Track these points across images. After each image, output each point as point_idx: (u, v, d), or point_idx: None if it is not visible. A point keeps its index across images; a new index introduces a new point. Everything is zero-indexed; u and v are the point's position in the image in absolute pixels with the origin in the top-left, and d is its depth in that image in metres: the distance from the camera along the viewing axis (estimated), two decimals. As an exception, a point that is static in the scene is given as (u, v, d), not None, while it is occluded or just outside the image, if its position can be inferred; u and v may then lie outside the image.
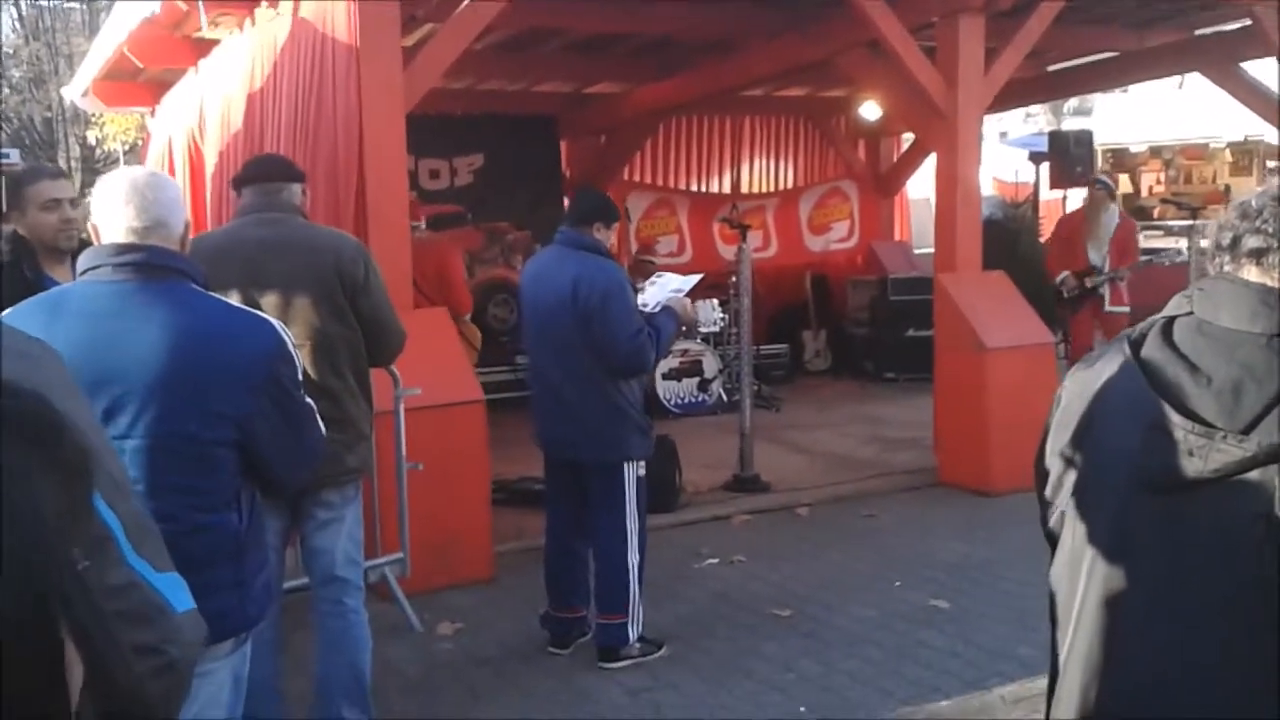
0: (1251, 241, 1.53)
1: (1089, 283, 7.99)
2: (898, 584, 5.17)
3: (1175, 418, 1.53)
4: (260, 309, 3.23)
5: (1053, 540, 1.80)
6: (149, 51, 7.40)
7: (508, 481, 6.42)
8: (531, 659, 4.44)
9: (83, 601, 0.59)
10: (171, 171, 7.73)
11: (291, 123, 5.36)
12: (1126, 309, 8.06)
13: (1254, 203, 1.56)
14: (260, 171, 3.49)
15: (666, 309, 4.37)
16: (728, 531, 6.10)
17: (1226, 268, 1.57)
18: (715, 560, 5.57)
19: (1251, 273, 1.54)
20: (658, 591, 4.76)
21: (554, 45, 9.01)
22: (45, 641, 0.56)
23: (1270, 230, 1.52)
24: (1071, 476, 1.71)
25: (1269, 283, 1.52)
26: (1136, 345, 1.63)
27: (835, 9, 6.87)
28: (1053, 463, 1.77)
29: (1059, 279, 8.17)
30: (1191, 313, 1.59)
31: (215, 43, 6.98)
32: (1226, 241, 1.57)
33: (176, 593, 1.16)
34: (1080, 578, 1.71)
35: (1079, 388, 1.74)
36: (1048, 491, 1.78)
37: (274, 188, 3.41)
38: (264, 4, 5.92)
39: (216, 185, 6.60)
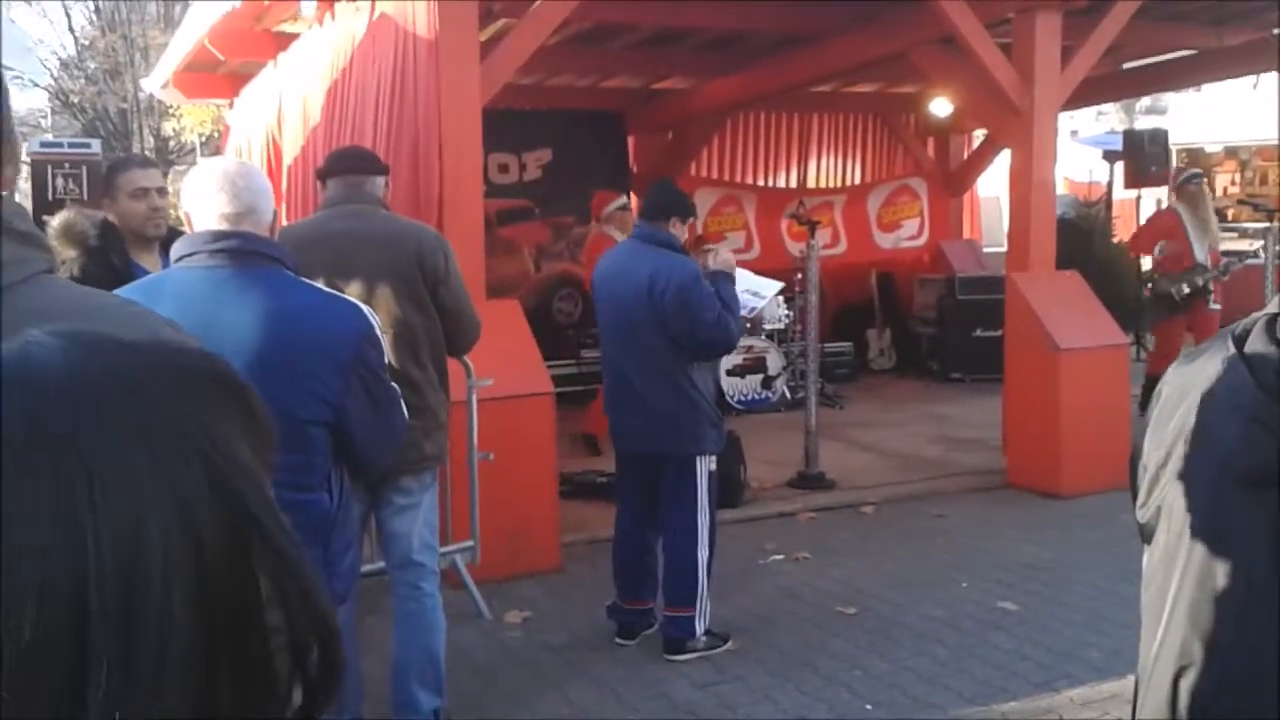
0: None
1: (1200, 280, 7.80)
2: (964, 585, 5.13)
3: (1277, 412, 1.51)
4: (344, 296, 3.30)
5: (1146, 536, 1.79)
6: (229, 44, 7.55)
7: (571, 474, 6.47)
8: (599, 649, 4.48)
9: (284, 538, 0.63)
10: (250, 162, 7.88)
11: (372, 117, 5.45)
12: (1220, 307, 7.92)
13: None
14: (345, 164, 3.55)
15: (717, 273, 4.33)
16: (793, 528, 6.09)
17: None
18: (780, 556, 5.57)
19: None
20: (723, 586, 4.77)
21: (623, 41, 9.04)
22: (245, 582, 0.60)
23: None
24: (1169, 470, 1.70)
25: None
26: (1240, 341, 1.61)
27: (909, 4, 6.82)
28: (1151, 457, 1.75)
29: (1155, 253, 7.98)
30: (1297, 309, 1.57)
31: (295, 36, 7.11)
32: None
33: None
34: (1175, 573, 1.69)
35: (1180, 382, 1.72)
36: (1143, 486, 1.77)
37: (358, 180, 3.47)
38: (344, -1, 6.02)
39: (294, 178, 6.72)
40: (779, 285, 4.90)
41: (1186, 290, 7.74)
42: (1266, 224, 8.08)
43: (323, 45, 6.36)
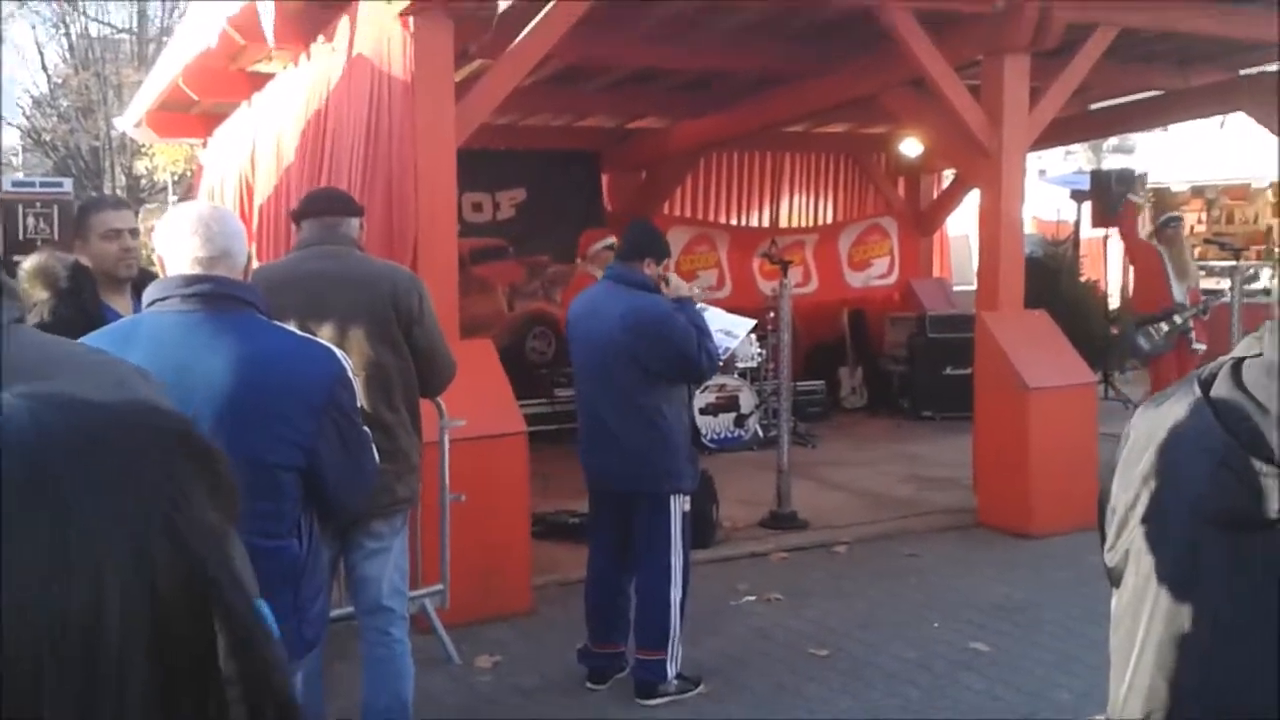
0: None
1: (1179, 319, 7.86)
2: (936, 625, 5.14)
3: (1244, 457, 1.53)
4: (316, 338, 3.29)
5: (1114, 578, 1.80)
6: (204, 84, 7.55)
7: (544, 515, 6.44)
8: (570, 693, 4.44)
9: (241, 601, 0.64)
10: (223, 203, 7.86)
11: (347, 157, 5.45)
12: (1204, 346, 7.97)
13: None
14: (320, 205, 3.55)
15: (678, 301, 4.34)
16: (765, 568, 6.08)
17: (1297, 310, 1.58)
18: (753, 597, 5.55)
19: (1324, 314, 1.55)
20: (696, 628, 4.75)
21: (598, 81, 9.11)
22: (202, 633, 0.61)
23: (1343, 275, 1.53)
24: (1137, 513, 1.71)
25: (1340, 325, 1.53)
26: (1206, 385, 1.63)
27: (880, 47, 6.92)
28: (1118, 500, 1.77)
29: (1143, 322, 8.00)
30: (1261, 354, 1.59)
31: (270, 77, 7.12)
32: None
33: (270, 619, 1.19)
34: (1143, 616, 1.71)
35: (1147, 425, 1.74)
36: (1111, 529, 1.78)
37: (333, 221, 3.47)
38: (320, 39, 6.03)
39: (266, 217, 6.71)
40: (751, 323, 4.92)
41: (1165, 328, 7.80)
42: (1233, 262, 8.18)
43: (298, 85, 6.37)
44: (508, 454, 5.21)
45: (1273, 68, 8.96)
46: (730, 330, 4.58)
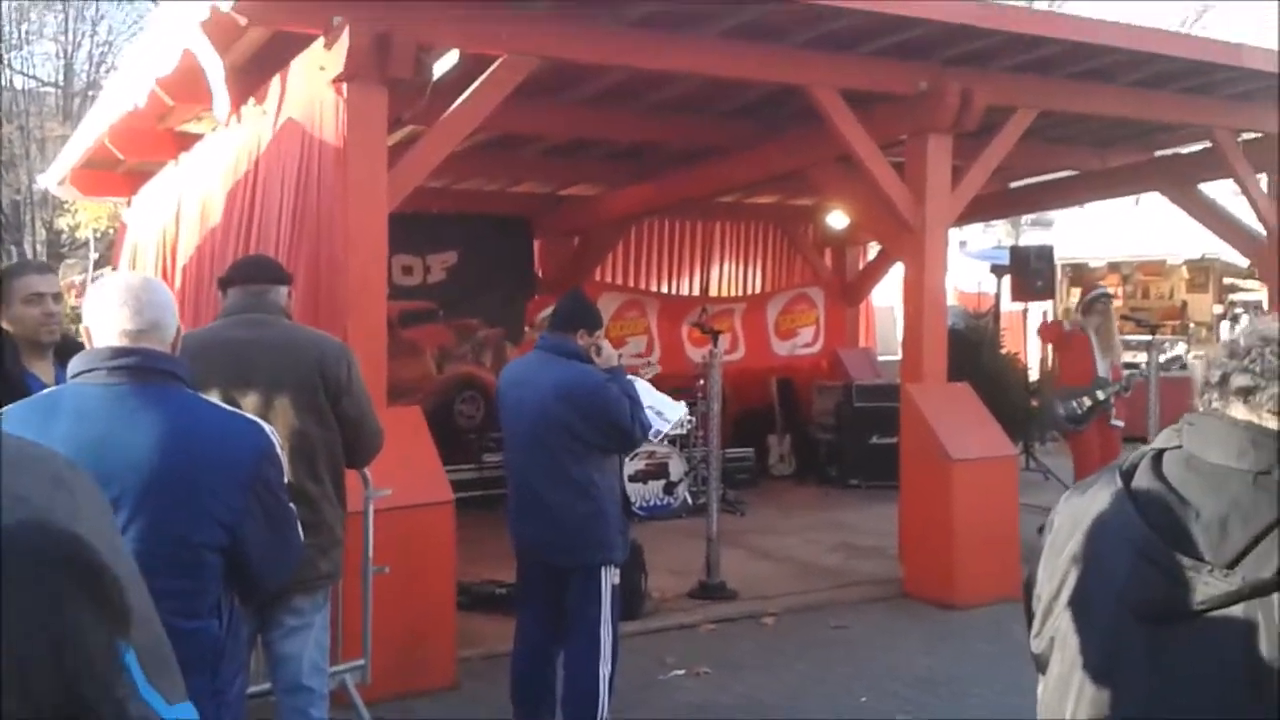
0: (1239, 380, 1.59)
1: (1101, 395, 7.95)
2: (864, 699, 5.13)
3: (1164, 550, 1.56)
4: (241, 410, 3.23)
5: (1040, 665, 1.82)
6: (130, 143, 7.46)
7: (470, 585, 6.33)
8: (495, 770, 4.34)
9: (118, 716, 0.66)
10: (144, 262, 7.74)
11: (275, 219, 5.41)
12: (1122, 423, 8.09)
13: (1242, 342, 1.62)
14: (247, 273, 3.51)
15: (610, 370, 4.33)
16: (694, 640, 6.04)
17: (1215, 404, 1.62)
18: (681, 671, 5.50)
19: (1239, 410, 1.59)
20: (623, 703, 4.68)
21: (532, 148, 9.19)
22: None
23: (1258, 370, 1.57)
24: (1062, 601, 1.74)
25: (1256, 420, 1.57)
26: (1128, 476, 1.67)
27: (808, 123, 7.07)
28: (1044, 587, 1.79)
29: (1066, 395, 8.04)
30: (1181, 446, 1.63)
31: (197, 137, 7.05)
32: (1215, 379, 1.62)
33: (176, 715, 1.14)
34: (1069, 701, 1.73)
35: (1071, 514, 1.77)
36: (1037, 616, 1.80)
37: (260, 289, 3.43)
38: (251, 101, 6.00)
39: (189, 278, 6.61)
40: (682, 409, 4.93)
41: (1089, 403, 7.92)
42: (1149, 337, 8.38)
43: (226, 146, 6.32)
44: (434, 524, 5.14)
45: (1187, 150, 9.33)
46: (661, 411, 4.59)
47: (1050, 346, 8.75)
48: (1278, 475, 1.53)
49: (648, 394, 4.62)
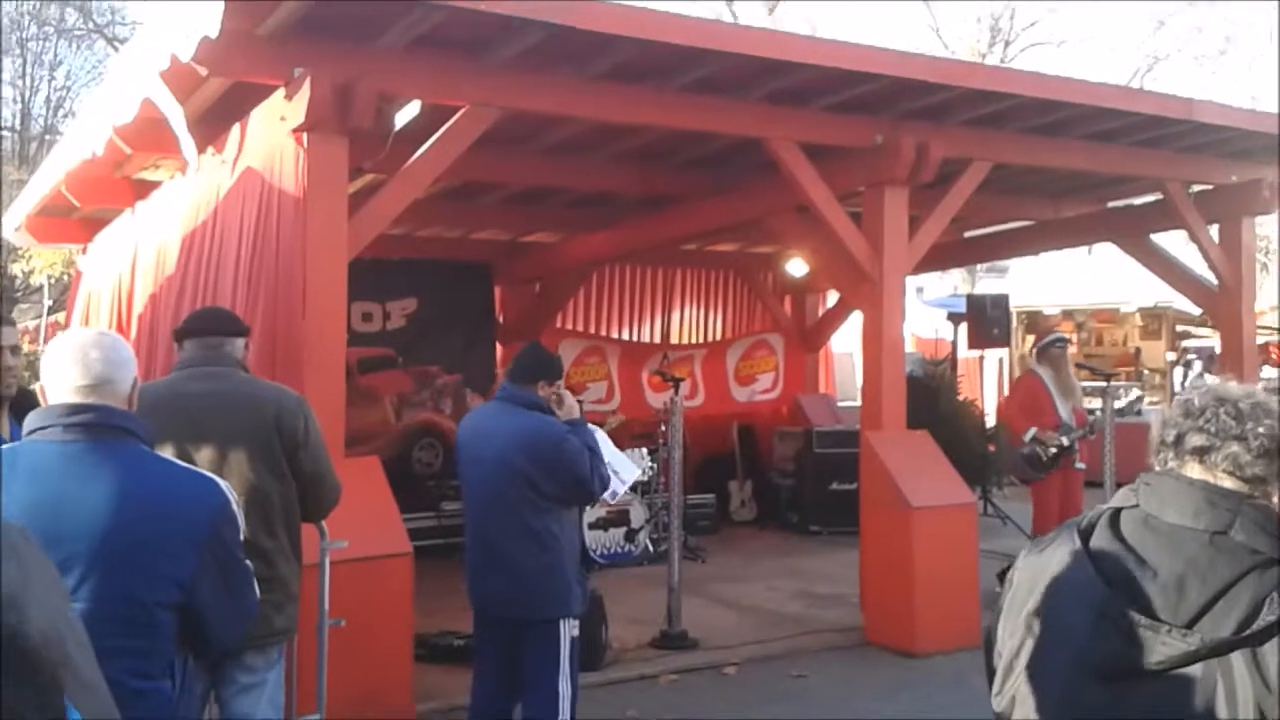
0: (1195, 440, 1.61)
1: (1066, 440, 7.97)
2: (827, 749, 5.10)
3: (1123, 609, 1.57)
4: (196, 464, 3.19)
5: (1001, 722, 1.82)
6: (87, 190, 7.39)
7: (427, 636, 6.25)
8: (453, 828, 4.27)
9: None
10: (99, 310, 7.65)
11: (232, 270, 5.37)
12: (1085, 466, 8.12)
13: (1196, 401, 1.65)
14: (203, 325, 3.48)
15: (572, 423, 4.34)
16: (655, 691, 5.99)
17: (1170, 463, 1.65)
18: (643, 723, 5.45)
19: (1195, 470, 1.61)
20: (585, 756, 4.62)
21: (492, 197, 9.20)
22: None
23: (1212, 430, 1.60)
24: (1022, 660, 1.75)
25: (1212, 480, 1.59)
26: (1085, 535, 1.69)
27: (767, 174, 7.14)
28: (1004, 645, 1.80)
29: (1031, 437, 8.02)
30: (1138, 505, 1.65)
31: (155, 185, 7.01)
32: (1170, 438, 1.64)
33: None
34: (1030, 763, 1.73)
35: (1030, 573, 1.78)
36: (998, 674, 1.81)
37: (216, 342, 3.40)
38: (210, 150, 5.98)
39: (144, 327, 6.53)
40: (639, 471, 4.91)
41: (1053, 451, 7.95)
42: (1104, 383, 8.47)
43: (184, 195, 6.28)
44: (392, 576, 5.07)
45: (1139, 201, 9.51)
46: (619, 471, 4.57)
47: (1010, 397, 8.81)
48: (1234, 535, 1.55)
49: (606, 450, 4.61)
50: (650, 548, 9.25)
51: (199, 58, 4.76)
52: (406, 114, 5.49)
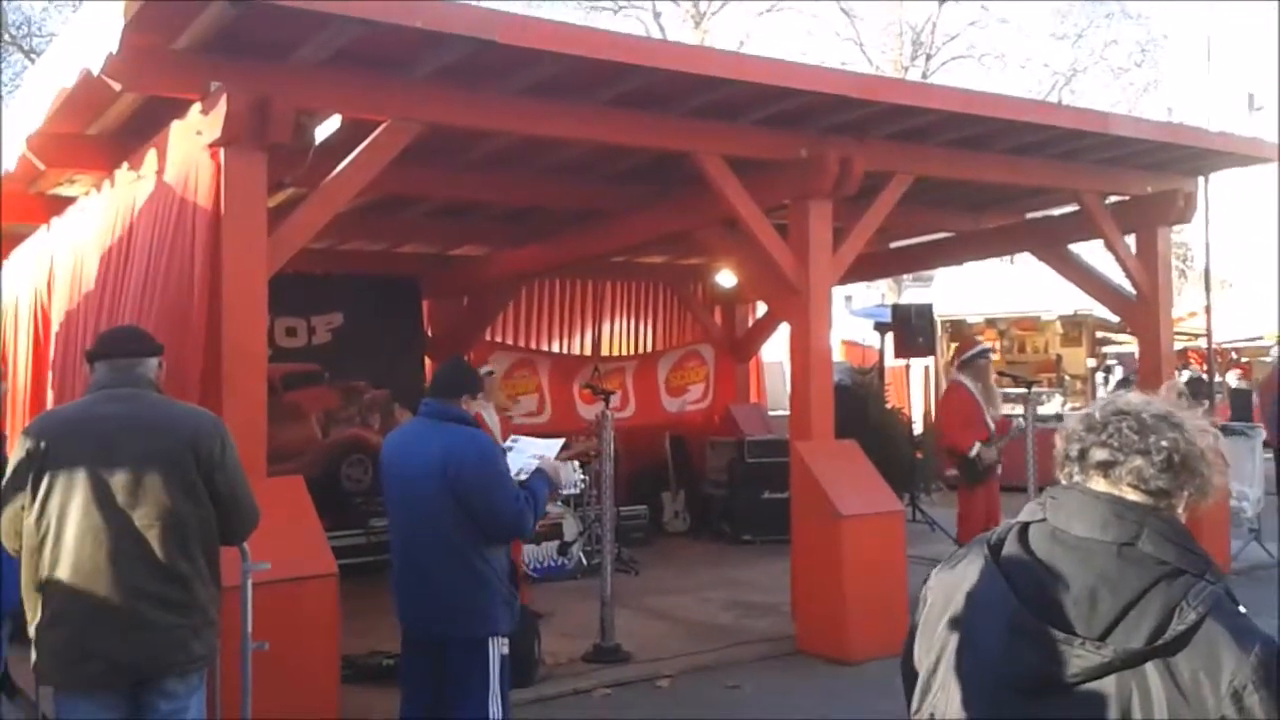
0: (1098, 454, 1.63)
1: (997, 450, 8.05)
2: (759, 760, 5.12)
3: (1036, 623, 1.59)
4: (110, 488, 3.11)
5: (921, 741, 1.83)
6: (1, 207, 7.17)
7: (356, 657, 6.16)
8: None
9: None
10: (15, 329, 7.45)
11: (148, 286, 5.24)
12: (999, 471, 8.24)
13: (1097, 415, 1.67)
14: (114, 346, 3.40)
15: (539, 472, 4.36)
16: (588, 706, 5.96)
17: (1076, 477, 1.67)
18: (575, 738, 5.42)
19: (1100, 484, 1.64)
20: (516, 774, 4.59)
21: (416, 210, 9.12)
22: None
23: (1115, 444, 1.62)
24: (939, 678, 1.76)
25: (1117, 493, 1.62)
26: (996, 549, 1.70)
27: (695, 187, 7.17)
28: (921, 663, 1.81)
29: (974, 452, 7.97)
30: (1045, 519, 1.67)
31: (70, 200, 6.83)
32: (1075, 453, 1.67)
33: None
34: (950, 779, 1.74)
35: (943, 590, 1.79)
36: (916, 693, 1.82)
37: (128, 363, 3.32)
38: (125, 166, 5.85)
39: (62, 345, 6.35)
40: (560, 442, 4.89)
41: (996, 458, 8.05)
42: (1025, 390, 8.61)
43: (100, 211, 6.13)
44: (317, 597, 4.98)
45: (1056, 212, 9.72)
46: (541, 454, 4.54)
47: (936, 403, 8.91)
48: (1141, 546, 1.58)
49: (529, 445, 4.59)
50: (584, 560, 9.21)
51: (109, 71, 4.65)
52: (327, 128, 5.43)
